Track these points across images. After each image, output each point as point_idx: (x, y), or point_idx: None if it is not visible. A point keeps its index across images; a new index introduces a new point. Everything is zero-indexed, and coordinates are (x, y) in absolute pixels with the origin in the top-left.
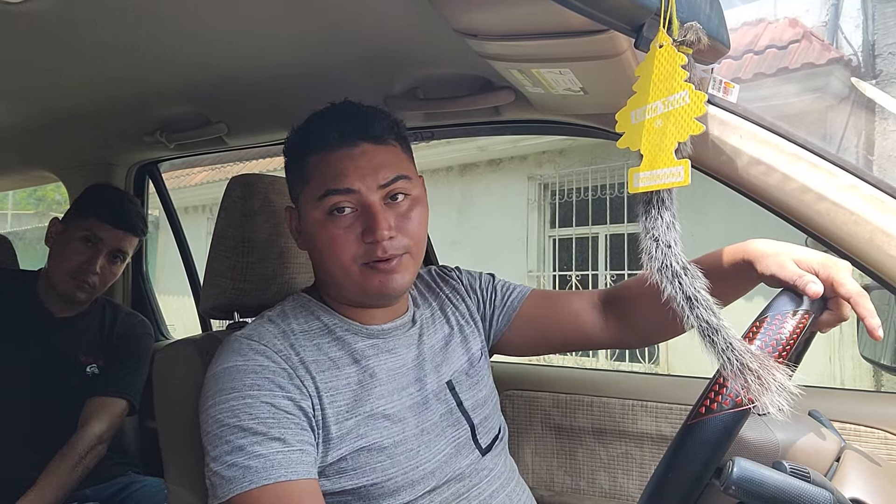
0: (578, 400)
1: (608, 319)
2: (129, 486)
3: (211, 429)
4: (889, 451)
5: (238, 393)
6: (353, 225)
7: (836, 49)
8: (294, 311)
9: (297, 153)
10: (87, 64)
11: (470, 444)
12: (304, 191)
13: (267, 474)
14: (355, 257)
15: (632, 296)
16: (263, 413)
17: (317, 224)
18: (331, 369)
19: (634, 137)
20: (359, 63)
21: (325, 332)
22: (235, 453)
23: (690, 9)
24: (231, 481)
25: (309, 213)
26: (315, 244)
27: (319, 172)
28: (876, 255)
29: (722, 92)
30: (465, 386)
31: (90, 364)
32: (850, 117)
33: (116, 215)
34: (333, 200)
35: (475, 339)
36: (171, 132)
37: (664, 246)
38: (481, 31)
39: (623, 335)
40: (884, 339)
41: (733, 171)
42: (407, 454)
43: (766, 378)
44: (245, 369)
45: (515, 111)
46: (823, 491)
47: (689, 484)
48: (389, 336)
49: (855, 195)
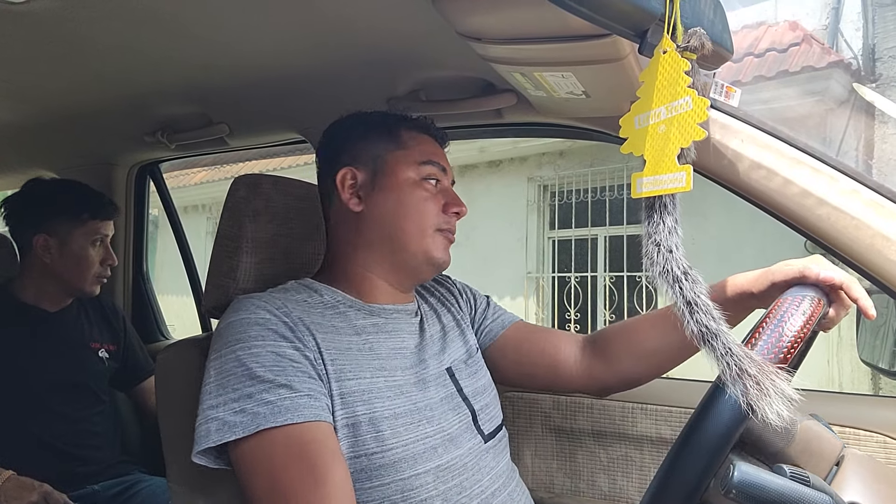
0: (578, 402)
1: (589, 359)
2: (136, 485)
3: (213, 379)
4: (888, 455)
5: (243, 343)
6: (437, 196)
7: (836, 52)
8: (295, 288)
9: (386, 121)
10: (88, 64)
11: (472, 428)
12: (394, 153)
13: (273, 419)
14: (434, 222)
15: (615, 338)
16: (269, 361)
17: (410, 183)
18: (331, 333)
19: (638, 143)
20: (362, 65)
21: (325, 305)
22: (243, 400)
23: (694, 14)
24: (235, 426)
25: (403, 173)
26: (401, 200)
27: (417, 143)
28: (876, 259)
29: (724, 96)
30: (465, 374)
31: (100, 349)
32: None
33: (107, 208)
34: (432, 170)
35: (470, 335)
36: (173, 132)
37: (665, 251)
38: (485, 34)
39: (603, 376)
40: (882, 342)
41: (734, 175)
42: (407, 427)
43: (764, 383)
44: (248, 321)
45: (517, 114)
46: (823, 495)
47: (691, 488)
48: (390, 317)
49: (856, 200)
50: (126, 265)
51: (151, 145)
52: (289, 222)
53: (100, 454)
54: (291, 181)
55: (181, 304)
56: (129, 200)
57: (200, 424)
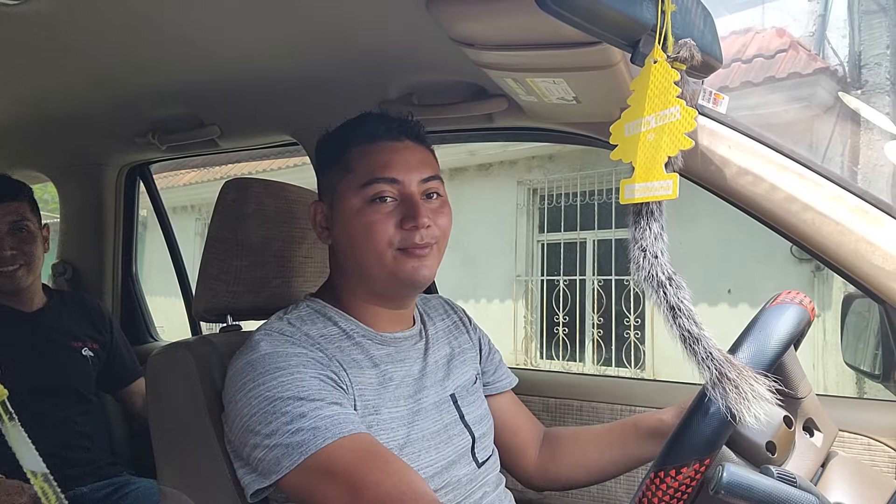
0: (568, 404)
1: (541, 455)
2: (125, 487)
3: (260, 407)
4: (873, 457)
5: (285, 371)
6: (393, 213)
7: (822, 59)
8: (311, 317)
9: (336, 146)
10: (81, 66)
11: (468, 454)
12: (343, 180)
13: (340, 429)
14: (392, 242)
15: (564, 443)
16: (315, 385)
17: (355, 211)
18: (355, 368)
19: (628, 150)
20: (354, 68)
21: (343, 336)
22: (298, 420)
23: (685, 25)
24: (300, 445)
25: (348, 201)
26: (350, 231)
27: (364, 161)
28: (860, 264)
29: (712, 103)
30: (467, 401)
31: (83, 348)
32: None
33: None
34: (377, 189)
35: (474, 363)
36: (164, 133)
37: (651, 256)
38: (478, 40)
39: (548, 475)
40: (865, 346)
41: (722, 180)
42: (410, 457)
43: (743, 388)
44: (286, 353)
45: (508, 118)
46: (809, 496)
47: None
48: (400, 346)
49: (841, 206)
50: (115, 266)
51: (142, 146)
52: (280, 225)
53: (88, 455)
54: (282, 185)
55: (170, 306)
56: (120, 201)
57: (257, 459)
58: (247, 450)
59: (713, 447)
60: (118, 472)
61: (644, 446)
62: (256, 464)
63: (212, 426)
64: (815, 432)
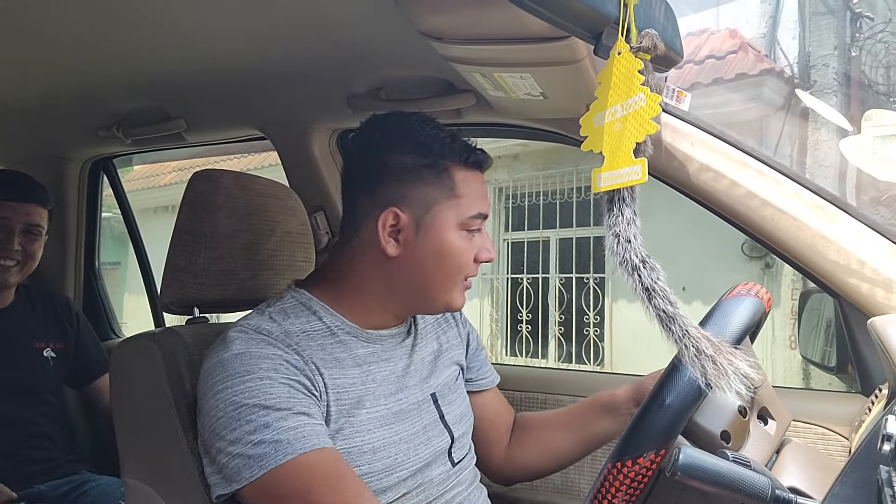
0: (532, 397)
1: (511, 441)
2: (84, 484)
3: (226, 412)
4: (826, 446)
5: (254, 375)
6: (473, 245)
7: (770, 60)
8: (294, 310)
9: (437, 155)
10: (41, 54)
11: (445, 455)
12: (447, 202)
13: (301, 444)
14: (464, 272)
15: (533, 425)
16: (283, 393)
17: (451, 237)
18: (336, 368)
19: (597, 140)
20: (322, 61)
21: (327, 332)
22: (261, 431)
23: (647, 19)
24: (261, 458)
25: (447, 225)
26: (433, 251)
27: (469, 191)
28: (816, 259)
29: (675, 100)
30: (448, 399)
31: (45, 349)
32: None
33: (19, 190)
34: (478, 224)
35: (460, 358)
36: (129, 127)
37: (624, 241)
38: (446, 34)
39: (514, 462)
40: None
41: (684, 176)
42: (385, 460)
43: (721, 363)
44: (258, 355)
45: (476, 114)
46: (761, 476)
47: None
48: (386, 343)
49: (798, 202)
50: (77, 262)
51: (106, 139)
52: (249, 217)
53: (47, 454)
54: (252, 177)
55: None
56: (82, 196)
57: (220, 464)
58: (213, 451)
59: (669, 437)
60: (77, 469)
61: (602, 422)
62: (221, 467)
63: (177, 418)
64: (769, 420)
